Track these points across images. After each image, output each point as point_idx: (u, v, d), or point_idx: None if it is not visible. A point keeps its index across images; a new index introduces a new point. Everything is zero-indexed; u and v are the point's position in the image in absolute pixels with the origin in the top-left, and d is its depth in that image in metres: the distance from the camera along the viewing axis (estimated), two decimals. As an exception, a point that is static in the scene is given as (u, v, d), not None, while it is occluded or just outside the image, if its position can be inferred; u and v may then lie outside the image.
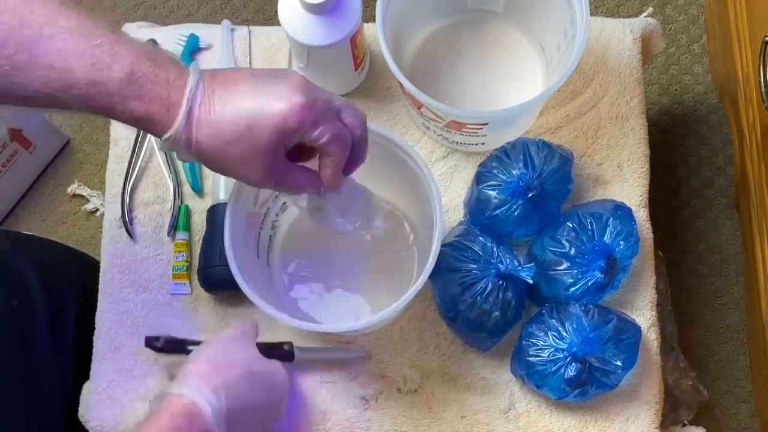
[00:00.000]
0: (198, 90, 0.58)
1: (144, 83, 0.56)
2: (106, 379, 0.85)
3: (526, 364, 0.79)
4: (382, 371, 0.84)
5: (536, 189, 0.80)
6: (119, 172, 0.91)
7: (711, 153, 1.32)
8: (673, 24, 1.36)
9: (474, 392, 0.84)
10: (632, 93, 0.91)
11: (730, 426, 1.23)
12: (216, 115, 0.58)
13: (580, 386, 0.77)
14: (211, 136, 0.58)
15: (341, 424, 0.83)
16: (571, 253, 0.79)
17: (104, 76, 0.56)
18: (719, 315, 1.26)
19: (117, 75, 0.56)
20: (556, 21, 0.83)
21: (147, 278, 0.88)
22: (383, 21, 0.79)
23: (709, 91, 1.33)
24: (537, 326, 0.79)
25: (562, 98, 0.91)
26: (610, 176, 0.89)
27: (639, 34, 0.92)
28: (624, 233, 0.79)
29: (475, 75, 0.92)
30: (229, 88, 0.59)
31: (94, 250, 0.98)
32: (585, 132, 0.90)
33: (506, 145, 0.83)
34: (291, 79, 0.60)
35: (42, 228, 1.35)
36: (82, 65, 0.55)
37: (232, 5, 1.42)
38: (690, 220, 1.30)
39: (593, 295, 0.80)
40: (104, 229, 0.90)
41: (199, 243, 0.88)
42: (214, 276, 0.84)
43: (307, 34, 0.79)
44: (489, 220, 0.82)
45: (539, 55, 0.91)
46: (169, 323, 0.87)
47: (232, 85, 0.59)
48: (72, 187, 1.33)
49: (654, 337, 0.85)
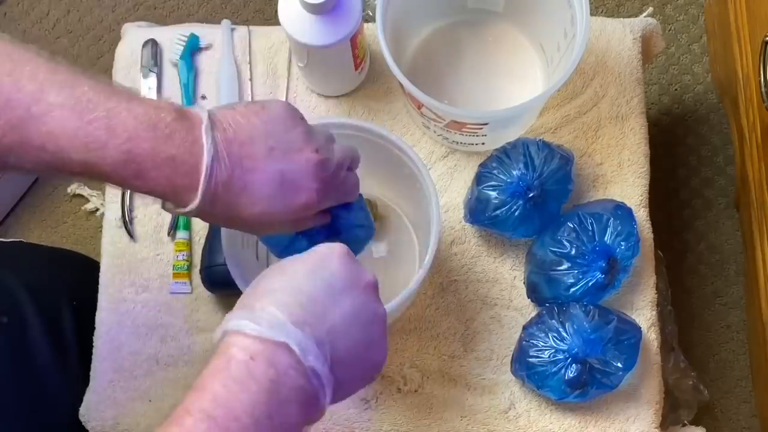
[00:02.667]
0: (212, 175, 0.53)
1: (143, 164, 0.52)
2: (106, 379, 0.85)
3: (527, 365, 0.79)
4: (382, 371, 0.84)
5: (536, 189, 0.80)
6: (119, 172, 0.91)
7: (711, 153, 1.31)
8: (673, 24, 1.36)
9: (474, 392, 0.84)
10: (632, 93, 0.90)
11: (730, 426, 1.23)
12: (232, 199, 0.55)
13: (581, 387, 0.77)
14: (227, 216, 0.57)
15: (341, 424, 0.83)
16: (571, 253, 0.79)
17: (99, 158, 0.51)
18: (719, 315, 1.26)
19: (112, 155, 0.51)
20: (556, 21, 0.83)
21: (147, 278, 0.88)
22: (383, 21, 0.79)
23: (709, 91, 1.33)
24: (537, 327, 0.79)
25: (562, 98, 0.91)
26: (610, 176, 0.89)
27: (639, 34, 0.92)
28: (624, 233, 0.79)
29: (475, 75, 0.92)
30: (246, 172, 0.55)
31: (94, 250, 0.98)
32: (585, 132, 0.90)
33: (506, 146, 0.83)
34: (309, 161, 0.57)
35: (42, 228, 1.35)
36: (76, 147, 0.51)
37: (232, 5, 1.42)
38: (690, 220, 1.29)
39: (594, 296, 0.80)
40: (104, 229, 0.90)
41: (199, 242, 0.88)
42: (216, 275, 0.84)
43: (307, 34, 0.79)
44: (489, 220, 0.82)
45: (539, 55, 0.91)
46: (169, 323, 0.87)
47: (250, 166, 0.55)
48: (72, 187, 1.33)
49: (654, 337, 0.85)
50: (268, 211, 0.57)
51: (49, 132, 0.51)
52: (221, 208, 0.55)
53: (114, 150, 0.51)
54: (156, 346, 0.86)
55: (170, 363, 0.86)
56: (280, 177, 0.56)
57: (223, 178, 0.54)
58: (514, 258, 0.87)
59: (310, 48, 0.80)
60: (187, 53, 0.93)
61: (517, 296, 0.86)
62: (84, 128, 0.51)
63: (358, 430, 0.83)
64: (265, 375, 0.47)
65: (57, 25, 1.44)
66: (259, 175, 0.55)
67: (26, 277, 0.86)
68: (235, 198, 0.55)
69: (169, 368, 0.86)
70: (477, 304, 0.86)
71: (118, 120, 0.51)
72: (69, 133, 0.51)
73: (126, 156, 0.51)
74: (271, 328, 0.47)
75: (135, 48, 0.94)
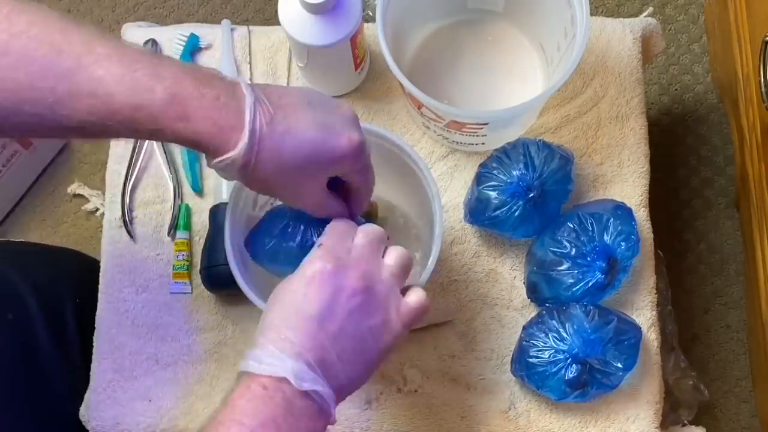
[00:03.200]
0: (257, 114, 0.56)
1: (189, 103, 0.54)
2: (106, 379, 0.85)
3: (527, 365, 0.79)
4: (382, 371, 0.84)
5: (536, 189, 0.80)
6: (119, 172, 0.91)
7: (711, 153, 1.32)
8: (673, 24, 1.36)
9: (474, 392, 0.84)
10: (632, 93, 0.90)
11: (730, 426, 1.23)
12: (276, 143, 0.57)
13: (581, 387, 0.77)
14: (270, 162, 0.57)
15: (341, 424, 0.83)
16: (571, 253, 0.79)
17: (146, 99, 0.54)
18: (719, 315, 1.26)
19: (159, 97, 0.54)
20: (556, 21, 0.83)
21: (147, 278, 0.88)
22: (383, 21, 0.79)
23: (709, 91, 1.33)
24: (537, 327, 0.79)
25: (562, 98, 0.91)
26: (610, 176, 0.89)
27: (639, 34, 0.92)
28: (624, 233, 0.79)
29: (475, 75, 0.92)
30: (288, 116, 0.57)
31: (94, 250, 0.98)
32: (585, 132, 0.90)
33: (506, 146, 0.83)
34: (346, 115, 0.61)
35: (42, 228, 1.35)
36: (124, 90, 0.54)
37: (232, 5, 1.42)
38: (690, 220, 1.29)
39: (594, 296, 0.80)
40: (104, 229, 0.90)
41: (199, 242, 0.88)
42: (216, 275, 0.84)
43: (307, 34, 0.79)
44: (489, 220, 0.82)
45: (539, 55, 0.91)
46: (169, 323, 0.87)
47: (291, 111, 0.58)
48: (72, 187, 1.33)
49: (654, 337, 0.85)
50: (315, 156, 0.58)
51: (99, 78, 0.53)
52: (266, 153, 0.56)
53: (161, 92, 0.54)
54: (156, 346, 0.86)
55: (170, 363, 0.86)
56: (323, 121, 0.58)
57: (267, 119, 0.56)
58: (514, 258, 0.87)
59: (310, 48, 0.80)
60: (187, 53, 0.93)
61: (517, 296, 0.86)
62: (131, 74, 0.54)
63: (358, 430, 0.83)
64: (278, 396, 0.55)
65: (57, 25, 1.44)
66: (302, 118, 0.58)
67: (31, 276, 0.87)
68: (280, 139, 0.57)
69: (169, 368, 0.86)
70: (477, 304, 0.86)
71: (162, 67, 0.55)
72: (117, 78, 0.54)
73: (172, 97, 0.54)
74: (271, 366, 0.56)
75: (135, 48, 0.94)
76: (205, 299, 0.88)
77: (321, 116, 0.59)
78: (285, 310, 0.58)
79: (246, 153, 0.56)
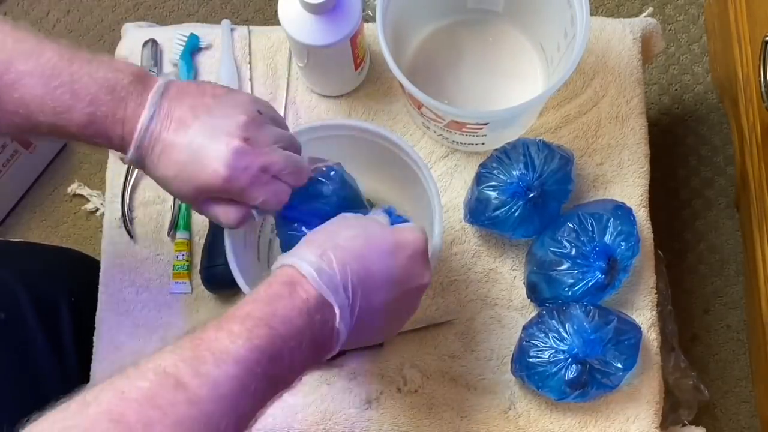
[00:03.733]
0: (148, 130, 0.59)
1: (102, 125, 0.58)
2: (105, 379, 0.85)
3: (527, 365, 0.79)
4: (382, 371, 0.84)
5: (536, 190, 0.80)
6: (119, 172, 0.91)
7: (711, 153, 1.32)
8: (673, 24, 1.36)
9: (474, 392, 0.84)
10: (632, 93, 0.91)
11: (730, 426, 1.23)
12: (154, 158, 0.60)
13: (581, 387, 0.77)
14: (152, 175, 0.62)
15: (341, 424, 0.83)
16: (571, 253, 0.79)
17: (65, 120, 0.58)
18: (719, 315, 1.26)
19: (77, 118, 0.58)
20: (556, 21, 0.83)
21: (147, 278, 0.88)
22: (383, 21, 0.79)
23: (709, 91, 1.33)
24: (537, 327, 0.79)
25: (562, 98, 0.91)
26: (610, 176, 0.89)
27: (639, 34, 0.92)
28: (624, 233, 0.79)
29: (475, 75, 0.92)
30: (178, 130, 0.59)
31: (94, 250, 0.98)
32: (585, 132, 0.90)
33: (506, 146, 0.83)
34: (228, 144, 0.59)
35: (42, 228, 1.35)
36: (44, 110, 0.57)
37: (232, 5, 1.42)
38: (690, 220, 1.30)
39: (594, 296, 0.80)
40: (104, 229, 0.90)
41: (199, 242, 0.88)
42: (216, 275, 0.84)
43: (307, 34, 0.79)
44: (489, 220, 0.82)
45: (539, 55, 0.91)
46: (169, 323, 0.87)
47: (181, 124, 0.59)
48: (72, 187, 1.33)
49: (654, 337, 0.85)
50: (181, 178, 0.60)
51: (20, 98, 0.57)
52: (150, 167, 0.61)
53: (78, 113, 0.58)
54: (156, 346, 0.86)
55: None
56: (196, 150, 0.59)
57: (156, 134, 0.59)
58: (514, 258, 0.87)
59: (310, 48, 0.80)
60: (187, 53, 0.93)
61: (517, 296, 0.86)
62: (51, 94, 0.57)
63: (358, 430, 0.83)
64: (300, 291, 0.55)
65: (57, 25, 1.44)
66: (180, 140, 0.59)
67: (25, 276, 0.86)
68: (156, 158, 0.60)
69: (169, 368, 0.86)
70: (477, 304, 0.86)
71: (81, 84, 0.58)
72: (38, 99, 0.57)
73: (89, 118, 0.58)
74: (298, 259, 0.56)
75: (135, 48, 0.94)
76: (205, 299, 0.88)
77: (200, 141, 0.59)
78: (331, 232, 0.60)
79: (136, 162, 0.61)
